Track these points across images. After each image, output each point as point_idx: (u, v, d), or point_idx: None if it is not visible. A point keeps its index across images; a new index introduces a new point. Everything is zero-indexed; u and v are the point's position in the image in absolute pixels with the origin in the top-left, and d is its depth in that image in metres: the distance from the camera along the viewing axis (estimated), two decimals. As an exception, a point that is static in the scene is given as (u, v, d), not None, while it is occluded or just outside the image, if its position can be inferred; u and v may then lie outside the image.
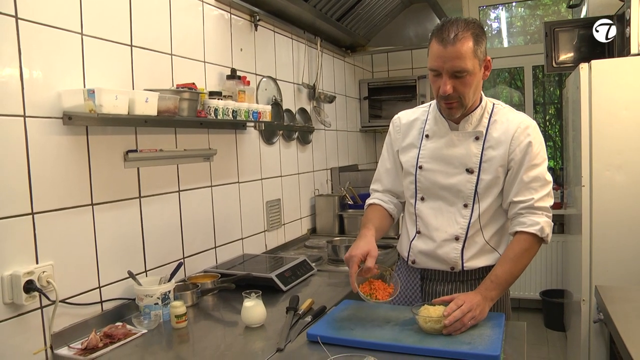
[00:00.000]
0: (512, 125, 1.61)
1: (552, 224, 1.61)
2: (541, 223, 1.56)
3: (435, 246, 1.66)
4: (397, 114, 1.85)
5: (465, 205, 1.63)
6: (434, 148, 1.67)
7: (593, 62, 2.67)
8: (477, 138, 1.62)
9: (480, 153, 1.61)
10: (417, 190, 1.71)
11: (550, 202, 1.61)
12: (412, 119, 1.77)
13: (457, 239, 1.64)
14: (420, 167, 1.69)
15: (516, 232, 1.60)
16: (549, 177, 1.62)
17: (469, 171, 1.62)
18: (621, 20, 2.85)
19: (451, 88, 1.50)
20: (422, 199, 1.70)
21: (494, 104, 1.67)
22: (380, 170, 1.86)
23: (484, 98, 1.67)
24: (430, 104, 1.75)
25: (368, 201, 1.87)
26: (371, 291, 1.51)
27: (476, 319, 1.45)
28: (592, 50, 3.05)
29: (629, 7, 2.62)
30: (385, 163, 1.85)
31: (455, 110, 1.57)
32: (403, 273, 1.80)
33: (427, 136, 1.70)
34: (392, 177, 1.83)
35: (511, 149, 1.59)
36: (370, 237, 1.61)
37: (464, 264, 1.65)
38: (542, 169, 1.60)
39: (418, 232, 1.71)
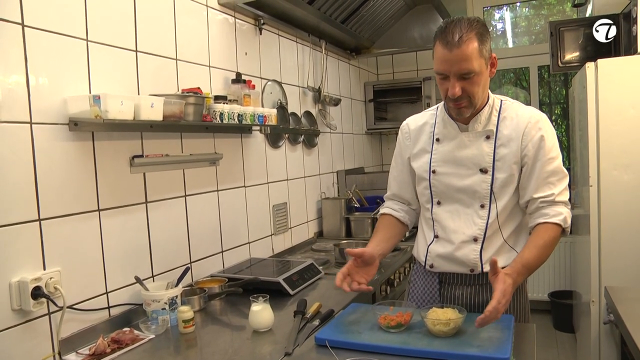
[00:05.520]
0: (522, 120, 1.59)
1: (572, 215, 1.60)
2: (564, 213, 1.56)
3: (453, 249, 1.64)
4: (404, 117, 1.85)
5: (482, 206, 1.61)
6: (445, 151, 1.66)
7: (599, 61, 2.65)
8: (488, 137, 1.60)
9: (492, 152, 1.59)
10: (433, 194, 1.69)
11: (568, 195, 1.60)
12: (421, 123, 1.76)
13: (475, 240, 1.62)
14: (434, 172, 1.67)
15: (539, 224, 1.57)
16: (565, 170, 1.60)
17: (483, 171, 1.60)
18: (627, 18, 2.83)
19: (460, 90, 1.49)
20: (439, 203, 1.69)
21: (501, 100, 1.66)
22: (390, 178, 1.88)
23: (491, 95, 1.64)
24: (438, 107, 1.73)
25: (380, 210, 1.89)
26: (387, 321, 1.49)
27: (506, 305, 1.39)
28: (598, 49, 3.03)
29: (636, 5, 2.60)
30: (393, 171, 1.86)
31: (465, 109, 1.55)
32: (420, 277, 1.77)
33: (437, 140, 1.68)
34: (399, 183, 1.83)
35: (523, 145, 1.58)
36: (369, 245, 1.69)
37: (483, 265, 1.62)
38: (558, 162, 1.58)
39: (436, 237, 1.69)
